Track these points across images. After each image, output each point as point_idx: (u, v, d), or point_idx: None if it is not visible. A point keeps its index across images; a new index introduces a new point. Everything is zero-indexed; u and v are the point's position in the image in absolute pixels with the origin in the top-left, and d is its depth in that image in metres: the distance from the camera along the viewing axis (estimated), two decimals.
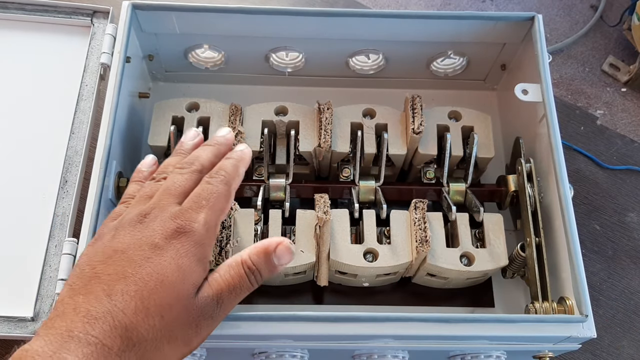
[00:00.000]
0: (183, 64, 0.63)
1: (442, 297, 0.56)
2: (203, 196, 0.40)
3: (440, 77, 0.64)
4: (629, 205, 0.66)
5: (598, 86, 1.39)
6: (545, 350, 0.47)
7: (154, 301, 0.35)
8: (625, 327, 0.60)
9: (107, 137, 0.49)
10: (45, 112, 0.58)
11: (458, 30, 0.57)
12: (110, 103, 0.51)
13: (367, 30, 0.58)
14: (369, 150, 0.54)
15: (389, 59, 0.62)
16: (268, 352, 0.46)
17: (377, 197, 0.53)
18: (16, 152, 0.56)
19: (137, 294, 0.35)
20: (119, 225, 0.39)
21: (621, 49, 1.45)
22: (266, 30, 0.58)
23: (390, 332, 0.44)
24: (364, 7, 0.81)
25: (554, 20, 1.50)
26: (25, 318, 0.48)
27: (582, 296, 0.45)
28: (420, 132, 0.52)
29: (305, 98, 0.57)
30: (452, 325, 0.44)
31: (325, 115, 0.53)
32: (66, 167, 0.54)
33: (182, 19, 0.57)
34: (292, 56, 0.62)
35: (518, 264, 0.52)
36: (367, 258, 0.50)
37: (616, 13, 1.48)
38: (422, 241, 0.49)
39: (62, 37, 0.61)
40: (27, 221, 0.53)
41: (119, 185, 0.52)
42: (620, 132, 0.74)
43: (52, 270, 0.49)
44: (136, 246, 0.37)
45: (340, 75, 0.64)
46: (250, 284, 0.40)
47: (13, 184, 0.55)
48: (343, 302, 0.56)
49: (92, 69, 0.58)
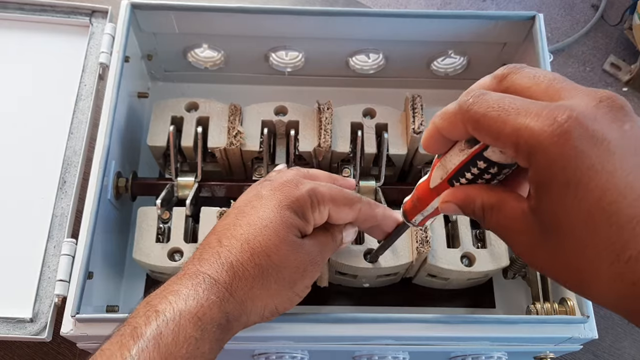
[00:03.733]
0: (182, 63, 0.62)
1: (442, 298, 0.56)
2: (332, 189, 0.41)
3: (441, 77, 0.64)
4: None
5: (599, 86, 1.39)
6: (546, 351, 0.47)
7: (259, 242, 0.38)
8: (626, 328, 0.60)
9: (106, 137, 0.49)
10: (43, 112, 0.58)
11: (458, 29, 0.57)
12: (109, 103, 0.51)
13: (367, 30, 0.57)
14: (369, 150, 0.54)
15: (389, 58, 0.62)
16: (268, 353, 0.46)
17: (377, 197, 0.53)
18: (15, 153, 0.56)
19: (242, 237, 0.38)
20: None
21: (622, 48, 1.45)
22: (266, 30, 0.57)
23: (390, 334, 0.44)
24: (364, 6, 0.80)
25: (554, 19, 1.50)
26: (24, 319, 0.48)
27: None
28: (420, 132, 0.52)
29: (305, 98, 0.57)
30: (453, 326, 0.44)
31: (325, 115, 0.53)
32: (65, 168, 0.53)
33: (181, 18, 0.56)
34: (292, 56, 0.62)
35: (519, 265, 0.52)
36: (368, 259, 0.50)
37: (617, 12, 1.48)
38: (423, 241, 0.48)
39: (61, 36, 0.60)
40: (25, 222, 0.52)
41: (117, 185, 0.52)
42: None
43: (50, 271, 0.49)
44: (246, 200, 0.41)
45: (340, 75, 0.64)
46: (334, 243, 0.43)
47: (12, 185, 0.54)
48: (343, 303, 0.56)
49: (91, 69, 0.57)
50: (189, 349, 0.33)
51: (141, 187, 0.54)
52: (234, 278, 0.37)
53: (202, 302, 0.35)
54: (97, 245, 0.47)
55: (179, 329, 0.33)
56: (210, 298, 0.35)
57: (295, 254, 0.39)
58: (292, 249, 0.38)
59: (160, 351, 0.32)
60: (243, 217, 0.39)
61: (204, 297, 0.35)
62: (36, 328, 0.47)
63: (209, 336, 0.34)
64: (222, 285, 0.36)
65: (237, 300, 0.36)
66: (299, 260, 0.39)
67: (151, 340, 0.32)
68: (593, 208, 0.25)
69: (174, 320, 0.33)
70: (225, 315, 0.36)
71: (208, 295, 0.35)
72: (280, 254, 0.38)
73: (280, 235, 0.38)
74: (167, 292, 0.35)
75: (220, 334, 0.35)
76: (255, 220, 0.39)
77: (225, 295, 0.36)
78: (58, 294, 0.46)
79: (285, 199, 0.39)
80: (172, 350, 0.32)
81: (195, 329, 0.34)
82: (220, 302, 0.35)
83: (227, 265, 0.37)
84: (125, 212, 0.56)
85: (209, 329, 0.34)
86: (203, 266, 0.37)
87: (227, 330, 0.36)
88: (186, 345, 0.33)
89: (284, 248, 0.38)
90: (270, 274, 0.38)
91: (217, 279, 0.36)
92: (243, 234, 0.38)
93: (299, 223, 0.39)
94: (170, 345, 0.33)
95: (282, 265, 0.38)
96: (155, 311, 0.34)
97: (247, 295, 0.37)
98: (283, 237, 0.38)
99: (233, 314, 0.36)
